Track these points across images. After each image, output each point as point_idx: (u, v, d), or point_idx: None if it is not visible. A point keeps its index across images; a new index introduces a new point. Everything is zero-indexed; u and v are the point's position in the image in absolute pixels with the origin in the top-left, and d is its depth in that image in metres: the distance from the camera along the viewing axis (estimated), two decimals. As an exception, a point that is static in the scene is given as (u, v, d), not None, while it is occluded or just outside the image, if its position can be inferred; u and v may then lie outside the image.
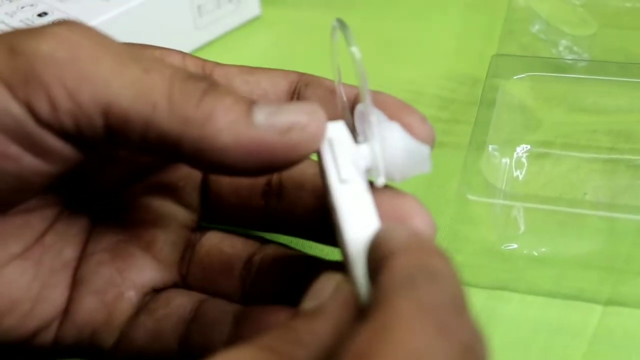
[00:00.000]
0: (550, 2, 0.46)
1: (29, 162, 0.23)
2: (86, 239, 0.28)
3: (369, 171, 0.23)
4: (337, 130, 0.23)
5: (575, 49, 0.44)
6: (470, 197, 0.31)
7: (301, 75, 0.28)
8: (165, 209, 0.29)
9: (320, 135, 0.22)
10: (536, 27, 0.45)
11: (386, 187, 0.23)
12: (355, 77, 0.22)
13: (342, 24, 0.23)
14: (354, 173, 0.22)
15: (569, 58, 0.43)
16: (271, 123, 0.22)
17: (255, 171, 0.23)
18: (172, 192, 0.29)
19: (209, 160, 0.22)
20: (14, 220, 0.26)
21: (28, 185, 0.24)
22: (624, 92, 0.38)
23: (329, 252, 0.29)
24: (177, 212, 0.29)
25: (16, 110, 0.22)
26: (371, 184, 0.23)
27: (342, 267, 0.22)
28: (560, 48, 0.44)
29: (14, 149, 0.23)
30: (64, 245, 0.28)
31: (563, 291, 0.32)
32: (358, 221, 0.21)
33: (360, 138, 0.24)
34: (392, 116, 0.24)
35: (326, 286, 0.20)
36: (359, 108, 0.24)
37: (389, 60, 0.47)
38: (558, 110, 0.40)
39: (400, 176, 0.23)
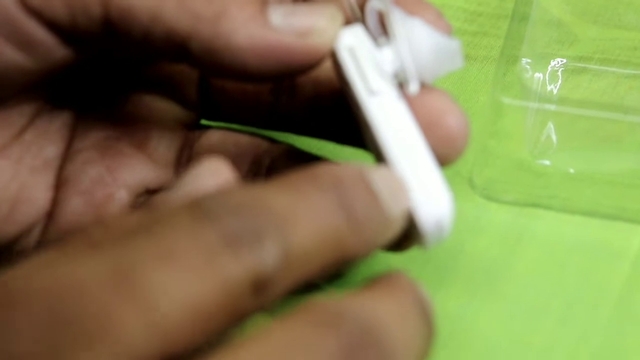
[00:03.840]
0: None
1: (11, 55, 0.21)
2: (70, 135, 0.26)
3: (396, 75, 0.21)
4: (355, 36, 0.22)
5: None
6: (505, 100, 0.29)
7: None
8: (160, 104, 0.27)
9: (335, 34, 0.21)
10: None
11: None
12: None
13: None
14: (383, 83, 0.21)
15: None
16: (289, 24, 0.21)
17: (270, 76, 0.22)
18: (167, 86, 0.27)
19: (221, 63, 0.21)
20: None
21: (6, 82, 0.22)
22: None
23: (341, 153, 0.26)
24: (173, 109, 0.27)
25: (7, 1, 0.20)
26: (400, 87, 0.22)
27: None
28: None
29: None
30: (45, 143, 0.25)
31: (602, 210, 0.30)
32: (398, 137, 0.20)
33: (380, 40, 0.22)
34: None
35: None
36: (371, 6, 0.22)
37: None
38: (595, 26, 0.37)
39: (431, 76, 0.22)
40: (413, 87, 0.21)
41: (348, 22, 0.22)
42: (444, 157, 0.21)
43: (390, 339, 0.16)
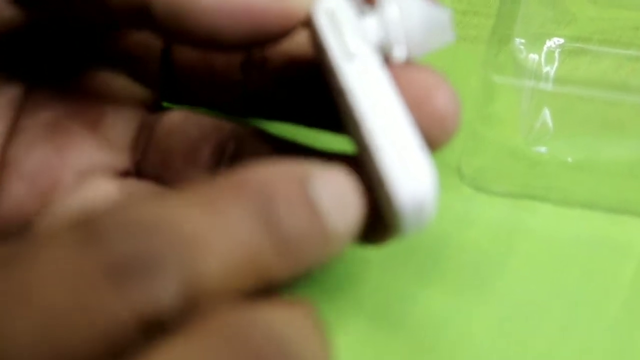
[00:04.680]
0: None
1: None
2: (17, 112, 0.23)
3: (381, 47, 0.19)
4: (336, 1, 0.20)
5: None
6: (497, 80, 0.26)
7: None
8: (118, 81, 0.24)
9: (317, 2, 0.19)
10: None
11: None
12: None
13: None
14: (364, 47, 0.19)
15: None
16: None
17: (240, 43, 0.19)
18: (126, 61, 0.24)
19: (185, 27, 0.19)
20: None
21: None
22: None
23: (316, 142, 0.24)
24: (132, 87, 0.24)
25: None
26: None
27: (341, 158, 0.19)
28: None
29: None
30: None
31: (603, 203, 0.27)
32: (376, 106, 0.18)
33: (364, 11, 0.20)
34: None
35: None
36: None
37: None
38: (594, 5, 0.35)
39: (420, 49, 0.20)
40: (399, 53, 0.19)
41: None
42: (433, 140, 0.19)
43: (296, 348, 0.14)
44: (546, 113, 0.29)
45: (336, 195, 0.15)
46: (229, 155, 0.23)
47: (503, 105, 0.28)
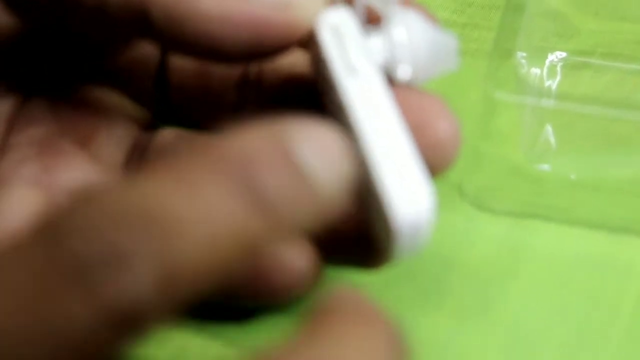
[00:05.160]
0: None
1: None
2: (9, 128, 0.23)
3: (385, 67, 0.20)
4: (341, 16, 0.19)
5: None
6: (499, 96, 0.26)
7: None
8: (111, 99, 0.24)
9: (321, 17, 0.19)
10: None
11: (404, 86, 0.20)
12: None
13: None
14: (367, 63, 0.19)
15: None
16: None
17: (240, 54, 0.19)
18: (120, 80, 0.24)
19: (184, 35, 0.19)
20: None
21: None
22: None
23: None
24: (126, 105, 0.24)
25: None
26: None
27: None
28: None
29: None
30: None
31: (608, 222, 0.27)
32: (375, 122, 0.18)
33: (368, 31, 0.20)
34: None
35: None
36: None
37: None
38: (597, 18, 0.35)
39: (424, 74, 0.20)
40: (403, 74, 0.19)
41: None
42: (433, 166, 0.19)
43: None
44: (548, 129, 0.29)
45: (321, 151, 0.14)
46: None
47: (505, 121, 0.28)
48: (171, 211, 0.13)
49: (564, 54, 0.32)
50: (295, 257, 0.19)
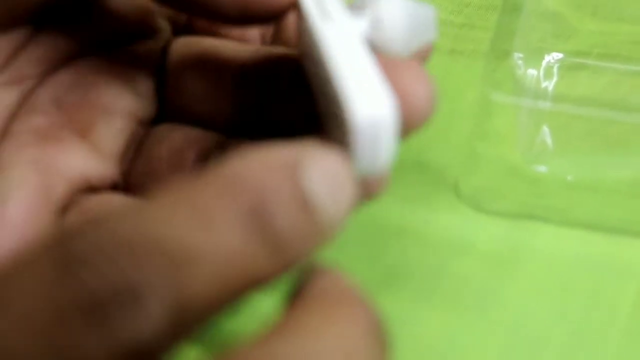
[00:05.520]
0: None
1: None
2: (11, 117, 0.24)
3: (370, 43, 0.20)
4: None
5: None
6: (495, 97, 0.26)
7: None
8: (112, 92, 0.25)
9: None
10: None
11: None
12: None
13: None
14: (342, 15, 0.20)
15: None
16: None
17: (232, 9, 0.21)
18: (123, 73, 0.25)
19: None
20: None
21: None
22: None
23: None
24: (126, 98, 0.25)
25: None
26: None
27: None
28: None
29: None
30: None
31: (606, 223, 0.27)
32: (344, 50, 0.18)
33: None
34: None
35: None
36: None
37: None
38: (594, 18, 0.35)
39: (403, 46, 0.21)
40: (385, 43, 0.20)
41: None
42: (408, 123, 0.19)
43: None
44: (545, 130, 0.29)
45: (330, 183, 0.14)
46: (214, 161, 0.23)
47: (501, 122, 0.28)
48: (184, 243, 0.13)
49: (560, 55, 0.32)
50: None
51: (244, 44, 0.24)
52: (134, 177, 0.24)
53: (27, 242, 0.16)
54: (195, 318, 0.14)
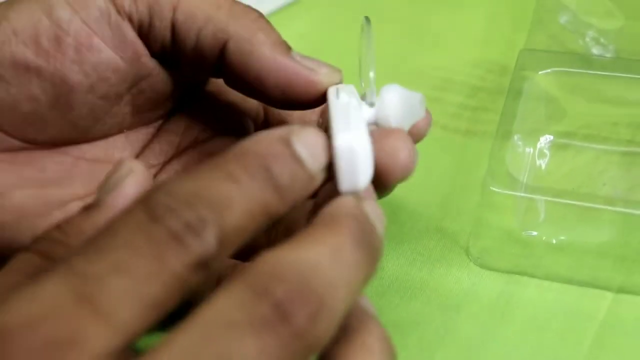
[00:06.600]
0: (578, -6, 0.47)
1: (109, 55, 0.27)
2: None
3: (375, 122, 0.26)
4: (346, 86, 0.27)
5: (602, 40, 0.45)
6: (493, 188, 0.33)
7: None
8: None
9: (334, 81, 0.27)
10: (564, 18, 0.46)
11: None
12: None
13: (367, 22, 0.27)
14: (352, 99, 0.25)
15: (595, 50, 0.44)
16: (303, 61, 0.27)
17: (279, 94, 0.27)
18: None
19: (246, 67, 0.27)
20: (81, 165, 0.30)
21: (106, 86, 0.28)
22: (646, 86, 0.39)
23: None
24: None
25: (101, 3, 0.27)
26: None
27: None
28: (587, 39, 0.45)
29: (97, 40, 0.27)
30: None
31: (578, 278, 0.34)
32: (344, 110, 0.24)
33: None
34: None
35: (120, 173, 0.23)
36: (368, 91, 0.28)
37: (420, 45, 0.49)
38: (582, 100, 0.41)
39: (396, 121, 0.26)
40: (388, 123, 0.26)
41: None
42: (395, 178, 0.25)
43: (324, 283, 0.19)
44: (537, 203, 0.35)
45: (312, 145, 0.22)
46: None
47: (502, 198, 0.34)
48: (223, 194, 0.20)
49: (551, 137, 0.39)
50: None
51: None
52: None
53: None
54: (233, 240, 0.20)
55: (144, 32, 0.27)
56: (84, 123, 0.29)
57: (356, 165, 0.23)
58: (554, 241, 0.35)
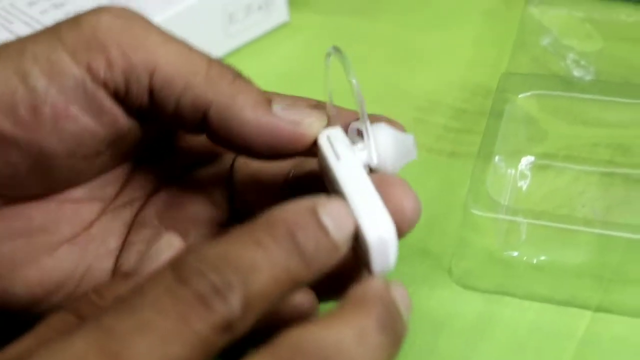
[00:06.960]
0: (559, 18, 0.48)
1: (86, 122, 0.27)
2: (128, 231, 0.31)
3: (367, 164, 0.26)
4: (335, 132, 0.27)
5: (582, 62, 0.46)
6: (474, 211, 0.34)
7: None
8: (196, 205, 0.32)
9: (320, 128, 0.27)
10: (546, 41, 0.47)
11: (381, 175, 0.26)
12: (355, 102, 0.26)
13: (339, 53, 0.27)
14: (349, 154, 0.26)
15: (576, 72, 0.45)
16: (286, 115, 0.27)
17: (265, 150, 0.27)
18: (203, 190, 0.32)
19: (230, 130, 0.27)
20: (66, 208, 0.30)
21: (84, 149, 0.27)
22: (625, 107, 0.41)
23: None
24: (207, 210, 0.32)
25: (76, 72, 0.26)
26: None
27: None
28: (568, 61, 0.46)
29: (74, 109, 0.26)
30: (108, 236, 0.31)
31: (557, 297, 0.35)
32: (355, 185, 0.24)
33: (357, 143, 0.27)
34: None
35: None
36: (353, 125, 0.28)
37: (406, 67, 0.49)
38: (562, 122, 0.42)
39: (393, 166, 0.27)
40: (379, 166, 0.26)
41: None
42: (400, 229, 0.25)
43: None
44: (519, 224, 0.35)
45: (337, 216, 0.22)
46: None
47: (484, 220, 0.34)
48: (250, 261, 0.20)
49: (532, 158, 0.40)
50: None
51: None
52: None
53: None
54: (258, 307, 0.20)
55: (121, 97, 0.27)
56: (65, 178, 0.29)
57: (388, 252, 0.23)
58: (535, 261, 0.36)
